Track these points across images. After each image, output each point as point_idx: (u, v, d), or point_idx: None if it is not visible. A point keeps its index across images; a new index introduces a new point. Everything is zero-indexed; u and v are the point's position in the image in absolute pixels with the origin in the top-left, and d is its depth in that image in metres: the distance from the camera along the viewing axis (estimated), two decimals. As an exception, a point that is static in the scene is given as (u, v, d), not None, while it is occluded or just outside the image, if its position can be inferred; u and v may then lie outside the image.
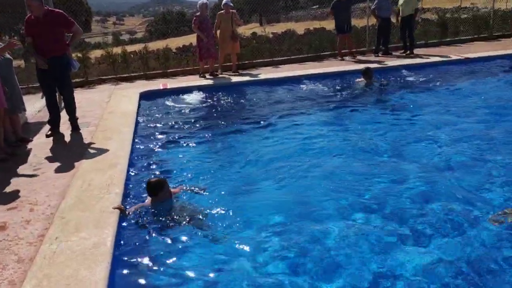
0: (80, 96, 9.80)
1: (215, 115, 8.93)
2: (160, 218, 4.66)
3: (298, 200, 5.07)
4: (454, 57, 12.59)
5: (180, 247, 4.27)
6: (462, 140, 6.62)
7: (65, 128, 7.81)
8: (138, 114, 8.82)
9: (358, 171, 5.77)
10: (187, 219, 4.62)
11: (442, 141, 6.69)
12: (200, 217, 4.69)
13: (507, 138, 6.58)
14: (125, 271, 3.92)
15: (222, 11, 11.80)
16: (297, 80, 11.24)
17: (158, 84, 11.38)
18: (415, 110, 8.39)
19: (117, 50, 13.40)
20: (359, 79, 10.36)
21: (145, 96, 10.31)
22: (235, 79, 11.58)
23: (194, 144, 7.19)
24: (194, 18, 11.64)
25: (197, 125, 8.15)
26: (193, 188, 5.37)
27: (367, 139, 7.01)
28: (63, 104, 8.01)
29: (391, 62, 12.42)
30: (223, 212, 4.79)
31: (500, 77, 10.79)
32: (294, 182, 5.58)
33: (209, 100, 10.04)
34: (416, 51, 13.47)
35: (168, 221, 4.62)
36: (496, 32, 15.38)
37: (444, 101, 8.86)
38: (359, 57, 13.33)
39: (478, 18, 15.57)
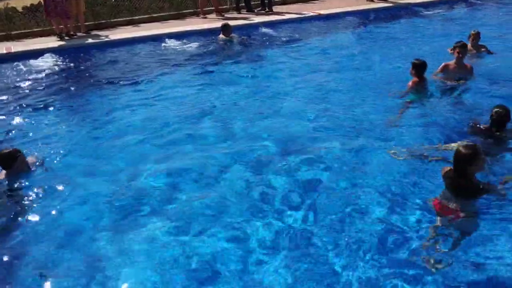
0: None
1: (69, 79, 8.34)
2: (16, 192, 4.34)
3: (165, 166, 4.99)
4: (310, 14, 13.25)
5: (37, 220, 4.04)
6: (320, 92, 7.09)
7: None
8: (-23, 82, 7.87)
9: (223, 127, 5.93)
10: (41, 194, 4.34)
11: (299, 93, 7.09)
12: (59, 188, 4.45)
13: (359, 90, 7.17)
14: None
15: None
16: (160, 39, 10.92)
17: (1, 48, 10.19)
18: (274, 65, 8.76)
19: None
20: (219, 36, 10.44)
21: (-16, 62, 9.20)
22: (92, 40, 10.85)
23: (47, 112, 6.69)
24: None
25: (49, 91, 7.56)
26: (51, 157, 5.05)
27: (228, 93, 7.18)
28: None
29: (252, 19, 12.65)
30: (82, 182, 4.60)
31: (351, 31, 11.71)
32: (159, 147, 5.49)
33: (62, 64, 9.30)
34: (275, 8, 13.90)
35: (25, 195, 4.30)
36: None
37: (301, 56, 9.35)
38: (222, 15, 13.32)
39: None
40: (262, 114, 6.33)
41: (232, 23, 11.18)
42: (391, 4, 14.47)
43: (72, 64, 9.27)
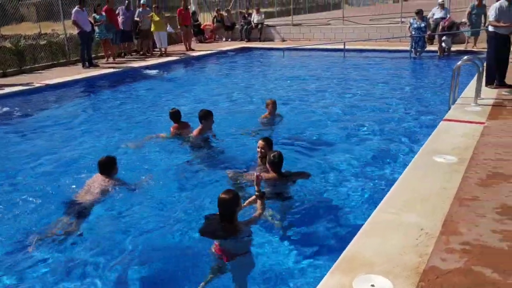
0: None
1: None
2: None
3: None
4: (37, 85, 12.83)
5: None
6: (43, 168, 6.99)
7: None
8: None
9: None
10: None
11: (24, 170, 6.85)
12: None
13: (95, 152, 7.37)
14: None
15: None
16: None
17: None
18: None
19: None
20: None
21: None
22: None
23: None
24: None
25: None
26: None
27: None
28: None
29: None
30: None
31: (83, 99, 11.93)
32: None
33: None
34: (-5, 82, 13.01)
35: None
36: (74, 57, 16.46)
37: (26, 132, 8.97)
38: None
39: (54, 45, 16.23)
40: None
41: None
42: (119, 69, 15.26)
43: None
